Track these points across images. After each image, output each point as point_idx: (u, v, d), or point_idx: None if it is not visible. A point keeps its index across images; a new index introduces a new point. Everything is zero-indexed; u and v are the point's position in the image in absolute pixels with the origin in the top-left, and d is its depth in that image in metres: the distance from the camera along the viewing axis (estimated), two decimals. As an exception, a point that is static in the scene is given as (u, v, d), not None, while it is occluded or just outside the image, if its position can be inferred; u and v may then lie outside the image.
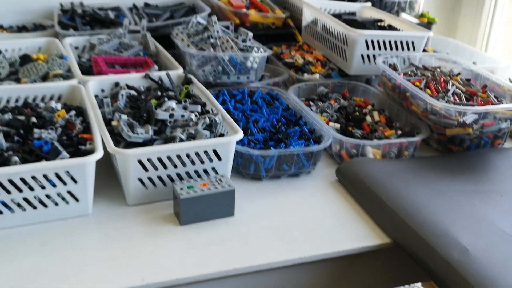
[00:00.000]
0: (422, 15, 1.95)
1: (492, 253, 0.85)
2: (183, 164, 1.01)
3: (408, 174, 1.09)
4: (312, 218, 1.02)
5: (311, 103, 1.39)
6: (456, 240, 0.87)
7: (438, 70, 1.39)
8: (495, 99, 1.24)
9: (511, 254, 0.86)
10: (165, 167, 1.00)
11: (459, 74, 1.39)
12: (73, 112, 1.09)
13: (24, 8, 1.78)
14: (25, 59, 1.36)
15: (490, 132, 1.18)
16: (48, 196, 0.93)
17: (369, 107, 1.38)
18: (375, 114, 1.33)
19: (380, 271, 1.02)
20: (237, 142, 1.06)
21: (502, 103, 1.24)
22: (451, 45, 1.86)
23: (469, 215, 0.95)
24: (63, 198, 0.94)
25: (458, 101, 1.22)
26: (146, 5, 1.89)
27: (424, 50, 1.70)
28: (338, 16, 1.65)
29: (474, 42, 2.20)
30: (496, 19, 2.16)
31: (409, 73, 1.36)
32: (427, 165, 1.15)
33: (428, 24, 1.91)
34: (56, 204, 0.94)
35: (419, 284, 1.89)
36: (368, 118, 1.31)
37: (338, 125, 1.27)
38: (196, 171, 1.03)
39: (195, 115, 1.09)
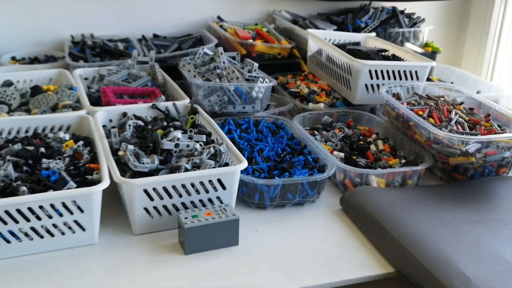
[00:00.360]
0: (426, 45, 1.98)
1: (495, 283, 0.85)
2: (188, 193, 1.02)
3: (411, 203, 1.10)
4: (315, 247, 1.02)
5: (316, 132, 1.40)
6: (459, 270, 0.87)
7: (442, 99, 1.40)
8: (498, 128, 1.24)
9: (515, 284, 0.86)
10: (170, 196, 1.01)
11: (462, 103, 1.40)
12: (81, 142, 1.12)
13: (36, 40, 1.83)
14: (36, 90, 1.39)
15: (493, 161, 1.19)
16: (55, 226, 0.94)
17: (374, 136, 1.39)
18: (380, 143, 1.34)
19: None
20: (242, 171, 1.08)
21: (505, 132, 1.24)
22: (456, 74, 1.87)
23: (473, 244, 0.95)
24: (70, 228, 0.96)
25: (461, 130, 1.22)
26: (155, 36, 1.93)
27: (429, 79, 1.73)
28: (343, 46, 1.67)
29: (479, 71, 2.22)
30: (501, 48, 2.18)
31: (413, 102, 1.37)
32: (431, 193, 1.15)
33: (432, 54, 1.94)
34: (63, 233, 0.95)
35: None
36: (373, 147, 1.33)
37: (342, 154, 1.28)
38: (201, 200, 1.04)
39: (200, 145, 1.10)
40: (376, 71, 1.45)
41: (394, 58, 1.64)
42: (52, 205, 0.91)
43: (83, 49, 1.73)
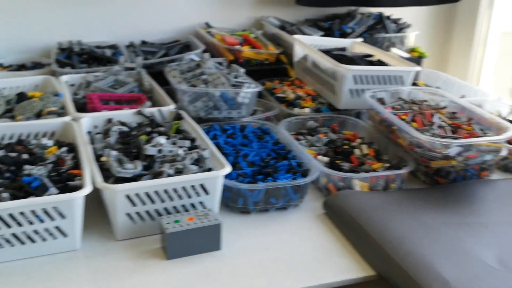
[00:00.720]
0: (413, 50, 2.00)
1: (473, 286, 0.85)
2: (171, 198, 1.03)
3: (394, 207, 1.11)
4: (298, 251, 1.02)
5: (301, 137, 1.41)
6: (438, 273, 0.87)
7: (425, 103, 1.42)
8: (480, 132, 1.26)
9: (493, 287, 0.86)
10: (153, 201, 1.01)
11: (445, 107, 1.41)
12: (64, 148, 1.12)
13: (24, 47, 1.83)
14: (21, 96, 1.40)
15: (475, 164, 1.20)
16: (36, 232, 0.94)
17: (358, 140, 1.40)
18: (364, 147, 1.35)
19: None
20: (226, 176, 1.08)
21: (487, 135, 1.25)
22: (442, 78, 1.89)
23: (453, 248, 0.96)
24: (51, 234, 0.96)
25: (443, 134, 1.24)
26: (143, 42, 1.94)
27: (415, 84, 1.74)
28: (328, 52, 1.68)
29: (466, 76, 2.23)
30: (487, 53, 2.20)
31: (397, 106, 1.39)
32: (413, 197, 1.16)
33: (419, 59, 1.95)
34: (44, 239, 0.96)
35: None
36: (357, 151, 1.33)
37: (326, 159, 1.29)
38: (183, 205, 1.04)
39: (184, 150, 1.11)
40: (360, 76, 1.46)
41: (380, 63, 1.66)
42: (33, 211, 0.92)
43: (70, 55, 1.74)
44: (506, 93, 1.78)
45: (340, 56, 1.63)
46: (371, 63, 1.64)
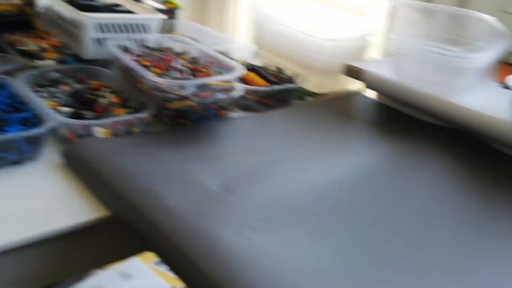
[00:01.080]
0: (167, 1, 2.02)
1: (196, 210, 0.92)
2: None
3: (133, 149, 1.13)
4: (30, 204, 0.98)
5: (42, 89, 1.34)
6: (163, 202, 0.92)
7: (171, 51, 1.45)
8: (216, 74, 1.34)
9: (213, 208, 0.94)
10: None
11: (187, 53, 1.46)
12: None
13: None
14: None
15: (211, 103, 1.28)
16: None
17: (106, 89, 1.38)
18: (110, 95, 1.34)
19: (105, 246, 1.03)
20: None
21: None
22: (197, 29, 1.96)
23: (181, 179, 1.02)
24: None
25: (182, 77, 1.29)
26: None
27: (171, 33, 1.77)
28: (74, 2, 1.61)
29: (223, 28, 2.35)
30: (241, 6, 2.34)
31: (142, 54, 1.40)
32: (155, 139, 1.20)
33: (173, 10, 1.99)
34: None
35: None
36: (103, 100, 1.31)
37: (69, 109, 1.25)
38: None
39: None
40: (103, 24, 1.43)
41: (129, 13, 1.64)
42: None
43: None
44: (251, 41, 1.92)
45: (87, 6, 1.58)
46: (118, 12, 1.62)
